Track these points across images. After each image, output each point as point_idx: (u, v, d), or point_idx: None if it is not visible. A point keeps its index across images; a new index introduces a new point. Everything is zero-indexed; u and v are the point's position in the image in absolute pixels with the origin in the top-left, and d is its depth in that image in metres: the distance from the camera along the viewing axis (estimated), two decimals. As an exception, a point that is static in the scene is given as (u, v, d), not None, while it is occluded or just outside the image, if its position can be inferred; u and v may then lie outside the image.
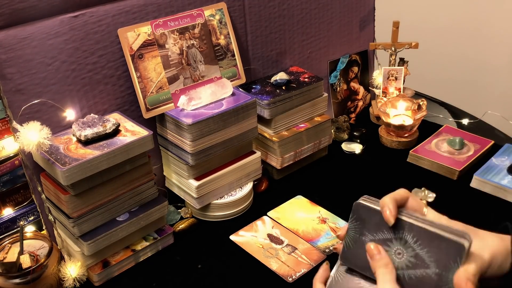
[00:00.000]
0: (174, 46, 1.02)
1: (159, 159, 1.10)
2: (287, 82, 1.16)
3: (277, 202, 1.11)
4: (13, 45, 0.85)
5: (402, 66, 1.37)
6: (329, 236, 1.01)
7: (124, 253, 0.95)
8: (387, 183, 1.15)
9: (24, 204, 0.99)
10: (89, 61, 0.94)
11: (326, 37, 1.33)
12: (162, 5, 1.02)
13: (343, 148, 1.30)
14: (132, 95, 1.01)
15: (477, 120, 1.39)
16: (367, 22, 1.42)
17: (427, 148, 1.23)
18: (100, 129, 0.89)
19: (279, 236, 1.02)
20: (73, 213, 0.87)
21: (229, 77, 1.11)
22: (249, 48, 1.18)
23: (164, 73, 1.01)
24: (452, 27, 1.99)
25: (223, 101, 1.04)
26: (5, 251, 0.87)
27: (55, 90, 0.92)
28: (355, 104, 1.44)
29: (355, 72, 1.43)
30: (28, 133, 0.81)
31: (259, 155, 1.12)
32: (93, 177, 0.86)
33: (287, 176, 1.20)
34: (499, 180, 1.09)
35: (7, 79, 0.86)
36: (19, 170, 0.96)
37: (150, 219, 0.96)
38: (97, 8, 0.94)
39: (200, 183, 1.03)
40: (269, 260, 0.96)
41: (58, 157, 0.84)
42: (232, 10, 1.12)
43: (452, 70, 2.04)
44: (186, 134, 0.98)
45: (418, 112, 1.27)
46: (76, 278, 0.89)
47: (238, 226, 1.04)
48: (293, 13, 1.23)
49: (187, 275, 0.94)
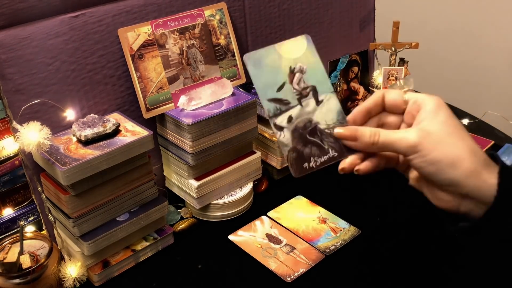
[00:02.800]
0: (174, 46, 1.02)
1: (159, 159, 1.10)
2: (287, 82, 1.16)
3: (277, 202, 1.11)
4: (13, 45, 0.85)
5: (402, 66, 1.37)
6: (329, 236, 1.01)
7: (124, 253, 0.95)
8: (387, 183, 1.15)
9: (24, 204, 0.99)
10: (89, 61, 0.94)
11: (326, 37, 1.33)
12: (162, 5, 1.02)
13: (343, 148, 1.29)
14: (132, 95, 1.01)
15: (477, 120, 1.39)
16: (367, 22, 1.42)
17: (427, 148, 1.23)
18: (100, 129, 0.89)
19: (277, 236, 1.02)
20: (73, 213, 0.87)
21: (229, 77, 1.11)
22: (249, 48, 1.18)
23: (164, 73, 1.01)
24: (452, 27, 1.99)
25: (223, 101, 1.04)
26: (5, 251, 0.87)
27: (55, 90, 0.92)
28: (355, 104, 1.44)
29: (355, 72, 1.43)
30: (28, 133, 0.80)
31: (259, 155, 1.12)
32: (93, 177, 0.86)
33: (287, 176, 1.20)
34: (499, 180, 1.09)
35: (7, 79, 0.86)
36: (19, 170, 0.96)
37: (150, 219, 0.96)
38: (97, 8, 0.94)
39: (200, 183, 1.03)
40: (267, 260, 0.96)
41: (58, 157, 0.84)
42: (232, 10, 1.12)
43: (452, 70, 2.04)
44: (186, 134, 0.98)
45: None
46: (76, 278, 0.89)
47: (238, 226, 1.04)
48: (293, 13, 1.23)
49: (187, 275, 0.94)
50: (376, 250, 0.97)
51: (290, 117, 0.61)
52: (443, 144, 0.56)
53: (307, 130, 0.61)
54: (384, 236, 1.00)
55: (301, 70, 0.62)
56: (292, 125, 0.60)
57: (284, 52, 0.63)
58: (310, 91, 0.62)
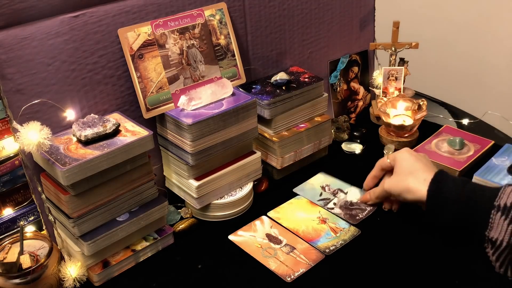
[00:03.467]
0: (174, 46, 1.02)
1: (159, 159, 1.10)
2: (287, 82, 1.16)
3: (277, 202, 1.11)
4: (13, 45, 0.85)
5: (402, 66, 1.37)
6: (329, 236, 1.01)
7: (124, 253, 0.95)
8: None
9: (24, 204, 0.99)
10: (89, 61, 0.94)
11: (326, 37, 1.33)
12: (162, 5, 1.02)
13: (343, 148, 1.30)
14: (132, 95, 1.01)
15: (477, 120, 1.39)
16: (367, 22, 1.42)
17: (427, 148, 1.23)
18: (100, 129, 0.89)
19: (277, 236, 1.02)
20: (73, 213, 0.87)
21: (229, 77, 1.11)
22: (249, 48, 1.18)
23: (164, 73, 1.01)
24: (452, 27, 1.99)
25: (223, 101, 1.04)
26: (5, 251, 0.87)
27: (55, 90, 0.92)
28: (355, 104, 1.44)
29: (355, 72, 1.43)
30: (28, 133, 0.81)
31: (259, 155, 1.12)
32: (93, 177, 0.86)
33: (287, 176, 1.20)
34: (499, 180, 1.09)
35: (7, 79, 0.86)
36: (19, 170, 0.96)
37: (150, 219, 0.96)
38: (97, 8, 0.94)
39: (200, 183, 1.03)
40: (267, 260, 0.96)
41: (58, 157, 0.84)
42: (232, 10, 1.12)
43: (452, 70, 2.04)
44: (186, 134, 0.98)
45: (418, 112, 1.27)
46: (76, 278, 0.89)
47: (238, 226, 1.04)
48: (293, 13, 1.23)
49: (187, 275, 0.94)
50: (376, 250, 0.97)
51: (334, 203, 1.10)
52: (402, 181, 0.98)
53: (347, 205, 1.10)
54: (384, 236, 1.00)
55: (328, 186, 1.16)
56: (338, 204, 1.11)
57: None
58: (338, 190, 1.14)
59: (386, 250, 0.97)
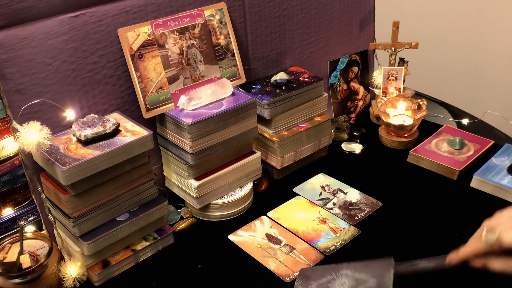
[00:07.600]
0: (174, 46, 1.02)
1: (159, 159, 1.10)
2: (287, 82, 1.16)
3: (277, 202, 1.11)
4: (13, 45, 0.85)
5: (402, 66, 1.37)
6: (329, 237, 1.01)
7: (124, 253, 0.95)
8: (387, 183, 1.16)
9: (24, 204, 0.99)
10: (89, 61, 0.94)
11: (326, 37, 1.33)
12: (162, 5, 1.02)
13: (343, 148, 1.30)
14: (132, 95, 1.01)
15: (477, 120, 1.39)
16: (367, 22, 1.42)
17: (427, 148, 1.23)
18: (100, 129, 0.89)
19: (277, 236, 1.02)
20: (73, 213, 0.87)
21: (229, 77, 1.11)
22: (249, 48, 1.18)
23: (164, 73, 1.01)
24: (452, 27, 1.99)
25: (223, 101, 1.04)
26: (5, 251, 0.87)
27: (55, 90, 0.92)
28: (355, 104, 1.44)
29: (355, 72, 1.43)
30: (28, 133, 0.81)
31: (259, 155, 1.12)
32: (93, 177, 0.86)
33: (287, 176, 1.20)
34: (499, 180, 1.09)
35: (7, 79, 0.86)
36: (19, 170, 0.96)
37: (150, 219, 0.96)
38: (97, 8, 0.94)
39: (200, 183, 1.03)
40: (267, 260, 0.96)
41: (58, 157, 0.84)
42: (232, 10, 1.12)
43: (452, 70, 2.04)
44: (186, 134, 0.98)
45: (418, 112, 1.27)
46: (76, 278, 0.89)
47: (238, 226, 1.04)
48: (293, 13, 1.23)
49: (187, 275, 0.94)
50: (376, 250, 0.97)
51: (333, 203, 1.10)
52: None
53: (346, 205, 1.10)
54: (384, 236, 1.00)
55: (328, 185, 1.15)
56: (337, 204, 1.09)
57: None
58: (338, 190, 1.14)
59: (386, 250, 0.97)
